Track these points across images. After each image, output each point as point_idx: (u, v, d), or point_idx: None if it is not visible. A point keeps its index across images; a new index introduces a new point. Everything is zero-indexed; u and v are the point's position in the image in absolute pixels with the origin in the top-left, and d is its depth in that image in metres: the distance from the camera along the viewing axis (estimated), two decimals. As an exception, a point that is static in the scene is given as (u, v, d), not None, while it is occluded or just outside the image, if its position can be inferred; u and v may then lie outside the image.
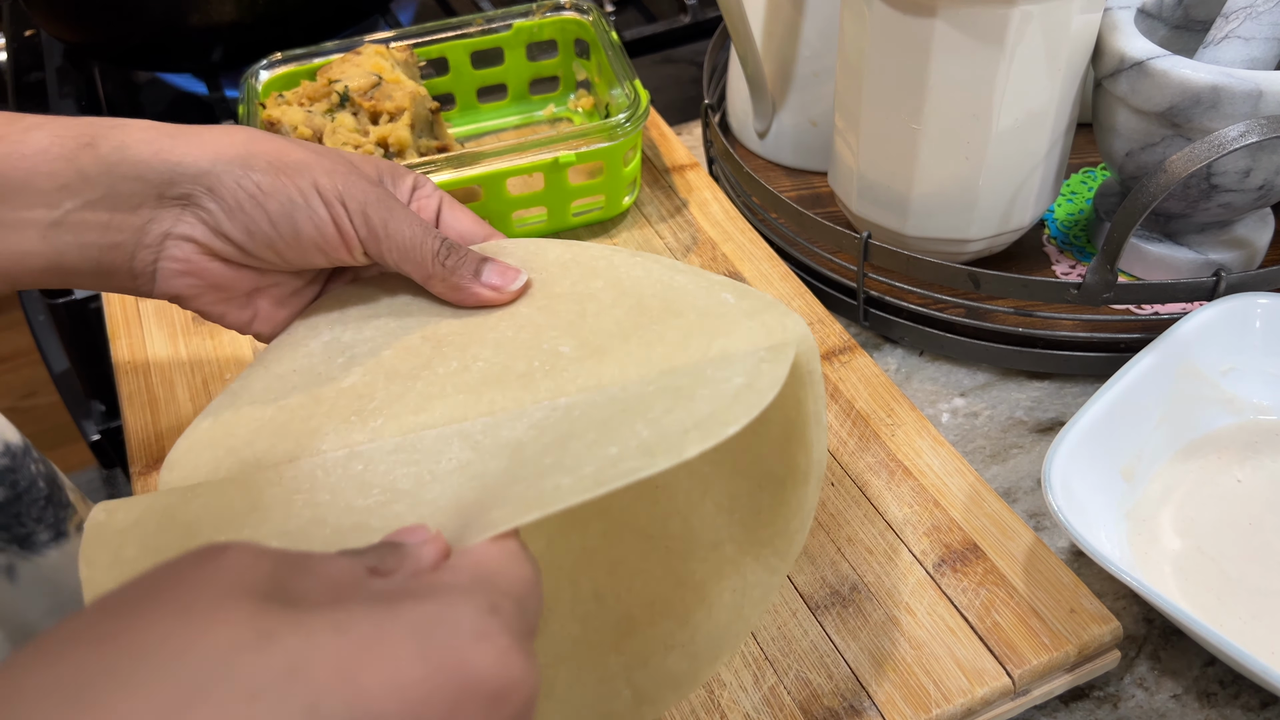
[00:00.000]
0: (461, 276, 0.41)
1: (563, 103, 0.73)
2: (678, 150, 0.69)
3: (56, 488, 0.47)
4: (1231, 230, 0.58)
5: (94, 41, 0.81)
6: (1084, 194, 0.65)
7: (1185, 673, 0.44)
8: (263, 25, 0.77)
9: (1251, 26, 0.52)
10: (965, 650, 0.41)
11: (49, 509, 0.46)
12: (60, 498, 0.47)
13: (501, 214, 0.61)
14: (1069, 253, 0.61)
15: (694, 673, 0.40)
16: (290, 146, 0.40)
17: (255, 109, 0.62)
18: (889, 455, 0.49)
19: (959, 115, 0.52)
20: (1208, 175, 0.52)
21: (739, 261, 0.60)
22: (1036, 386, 0.57)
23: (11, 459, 0.47)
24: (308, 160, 0.40)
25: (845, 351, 0.54)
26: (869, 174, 0.57)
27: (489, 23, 0.68)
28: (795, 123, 0.67)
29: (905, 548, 0.45)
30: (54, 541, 0.47)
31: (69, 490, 0.51)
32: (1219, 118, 0.49)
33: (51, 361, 0.72)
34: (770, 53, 0.65)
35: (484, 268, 0.42)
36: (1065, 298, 0.53)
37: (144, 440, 0.53)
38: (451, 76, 0.70)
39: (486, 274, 0.42)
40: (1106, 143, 0.56)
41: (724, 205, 0.64)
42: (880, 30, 0.52)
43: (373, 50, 0.64)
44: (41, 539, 0.46)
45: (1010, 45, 0.49)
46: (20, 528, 0.46)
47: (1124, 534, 0.46)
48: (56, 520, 0.47)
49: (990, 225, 0.56)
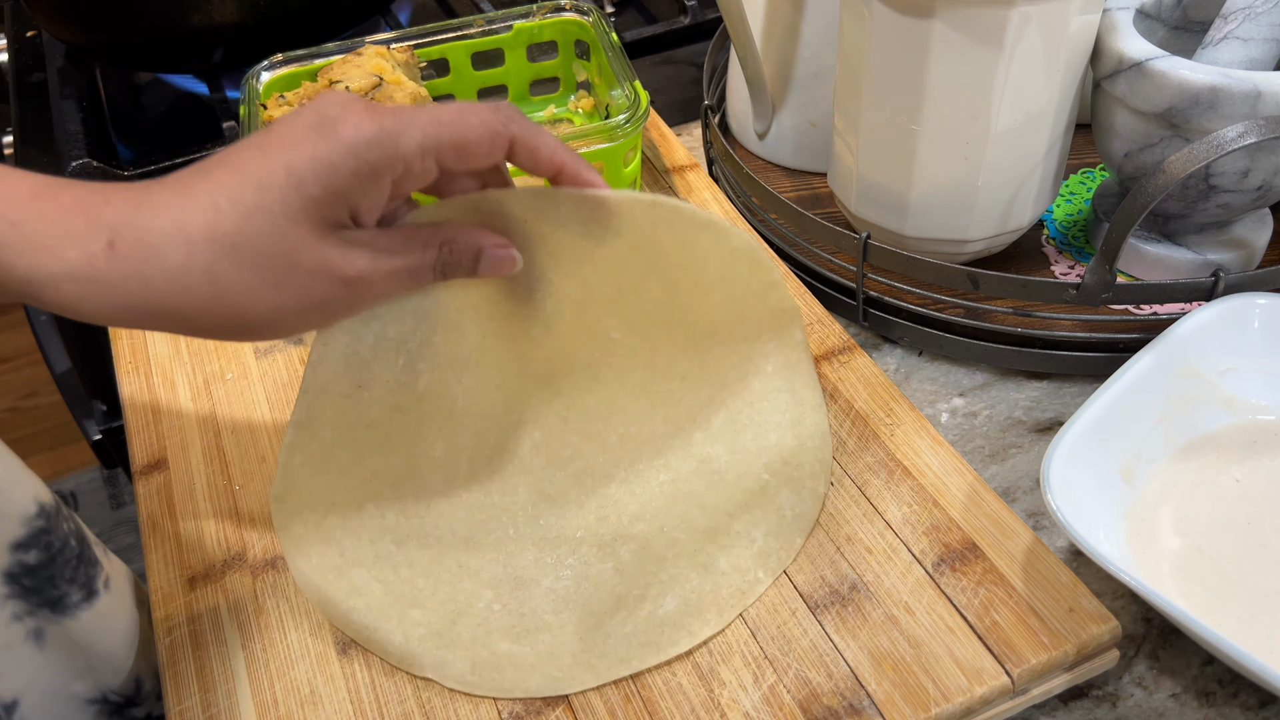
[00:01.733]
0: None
1: (563, 104, 0.73)
2: (678, 151, 0.69)
3: (85, 545, 0.46)
4: (1230, 231, 0.58)
5: (95, 42, 0.81)
6: (1083, 194, 0.65)
7: (1184, 672, 0.44)
8: (264, 26, 0.77)
9: (1250, 27, 0.52)
10: (964, 649, 0.42)
11: (80, 568, 0.45)
12: (89, 554, 0.45)
13: (502, 214, 0.61)
14: (1068, 253, 0.62)
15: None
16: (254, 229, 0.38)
17: (256, 109, 0.62)
18: (888, 455, 0.49)
19: (958, 116, 0.52)
20: (1206, 176, 0.52)
21: (739, 262, 0.60)
22: (1035, 386, 0.57)
23: (46, 520, 0.45)
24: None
25: (844, 351, 0.55)
26: (868, 174, 0.57)
27: (490, 24, 0.68)
28: (795, 124, 0.67)
29: (904, 547, 0.45)
30: (85, 601, 0.45)
31: (94, 545, 0.49)
32: (1217, 118, 0.49)
33: (53, 361, 0.72)
34: (770, 54, 0.65)
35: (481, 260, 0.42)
36: (1064, 298, 0.53)
37: (145, 440, 0.53)
38: (452, 77, 0.70)
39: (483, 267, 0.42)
40: (1105, 143, 0.56)
41: (724, 206, 0.64)
42: (879, 31, 0.52)
43: (374, 51, 0.64)
44: (73, 600, 0.45)
45: (1009, 46, 0.50)
46: (53, 590, 0.44)
47: (1123, 534, 0.46)
48: (88, 579, 0.46)
49: (989, 226, 0.57)
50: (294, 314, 0.38)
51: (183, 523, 0.49)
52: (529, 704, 0.42)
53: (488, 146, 0.39)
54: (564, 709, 0.42)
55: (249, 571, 0.47)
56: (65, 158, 0.76)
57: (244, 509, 0.50)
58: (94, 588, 0.45)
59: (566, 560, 0.45)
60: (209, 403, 0.55)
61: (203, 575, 0.47)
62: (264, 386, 0.56)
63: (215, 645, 0.44)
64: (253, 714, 0.42)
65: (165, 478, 0.52)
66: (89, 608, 0.45)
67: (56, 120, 0.81)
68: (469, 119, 0.39)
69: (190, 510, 0.50)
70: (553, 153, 0.41)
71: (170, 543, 0.49)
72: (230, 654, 0.44)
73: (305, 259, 0.37)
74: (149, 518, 0.50)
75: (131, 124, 0.87)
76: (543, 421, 0.47)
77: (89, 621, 0.45)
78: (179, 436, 0.53)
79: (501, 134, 0.39)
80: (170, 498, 0.51)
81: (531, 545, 0.45)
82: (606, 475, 0.47)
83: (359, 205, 0.38)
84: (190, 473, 0.52)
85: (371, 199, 0.38)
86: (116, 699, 0.48)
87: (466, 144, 0.39)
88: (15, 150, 0.83)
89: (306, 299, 0.38)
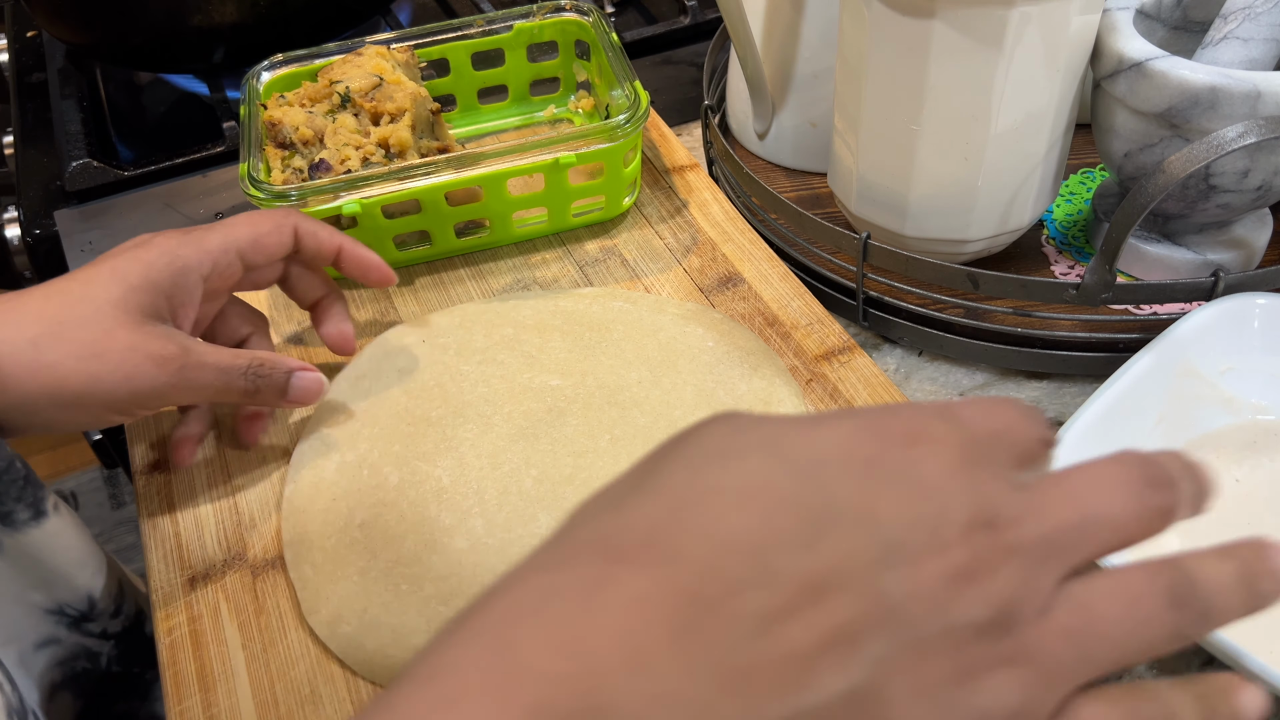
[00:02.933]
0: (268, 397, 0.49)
1: (563, 104, 0.73)
2: (678, 151, 0.69)
3: (30, 470, 0.48)
4: (1230, 230, 0.58)
5: (96, 42, 0.81)
6: (1083, 194, 0.65)
7: (1183, 672, 0.44)
8: (264, 26, 0.77)
9: (1250, 27, 0.52)
10: (964, 649, 0.42)
11: (27, 489, 0.47)
12: (34, 478, 0.47)
13: (502, 215, 0.61)
14: (1068, 253, 0.62)
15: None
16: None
17: (256, 110, 0.62)
18: (888, 455, 0.49)
19: (958, 116, 0.52)
20: (1206, 176, 0.52)
21: (739, 262, 0.60)
22: (1035, 386, 0.57)
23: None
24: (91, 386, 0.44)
25: (844, 351, 0.55)
26: (868, 175, 0.57)
27: (490, 24, 0.68)
28: (795, 124, 0.67)
29: (904, 547, 0.45)
30: (34, 521, 0.47)
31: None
32: (1217, 118, 0.49)
33: (53, 362, 0.72)
34: (770, 54, 0.65)
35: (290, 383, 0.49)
36: (1064, 298, 0.53)
37: (145, 440, 0.53)
38: (452, 77, 0.70)
39: (293, 391, 0.49)
40: (1105, 143, 0.56)
41: (724, 206, 0.64)
42: (879, 32, 0.52)
43: (374, 51, 0.64)
44: (21, 517, 0.47)
45: (1009, 46, 0.50)
46: (2, 505, 0.46)
47: (1122, 533, 0.46)
48: (35, 500, 0.47)
49: (989, 226, 0.57)
50: (110, 385, 0.43)
51: (183, 523, 0.50)
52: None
53: (277, 237, 0.49)
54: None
55: (249, 571, 0.47)
56: (65, 158, 0.76)
57: (244, 509, 0.50)
58: (42, 509, 0.47)
59: None
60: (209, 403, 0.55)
61: (203, 575, 0.47)
62: (264, 386, 0.56)
63: (215, 645, 0.44)
64: (253, 714, 0.42)
65: (165, 478, 0.52)
66: (37, 527, 0.47)
67: (56, 120, 0.81)
68: (257, 219, 0.49)
69: (190, 510, 0.50)
70: (331, 236, 0.51)
71: (170, 543, 0.49)
72: (230, 654, 0.44)
73: (120, 335, 0.43)
74: (149, 518, 0.50)
75: (132, 124, 0.87)
76: (533, 460, 0.49)
77: (38, 540, 0.48)
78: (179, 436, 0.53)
79: (286, 225, 0.50)
80: (170, 498, 0.51)
81: None
82: (612, 474, 0.47)
83: (176, 302, 0.46)
84: (190, 473, 0.52)
85: (185, 294, 0.46)
86: (73, 612, 0.51)
87: (259, 238, 0.49)
88: (15, 150, 0.83)
89: (120, 372, 0.43)
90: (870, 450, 0.22)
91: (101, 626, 0.52)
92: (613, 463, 0.49)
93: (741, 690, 0.19)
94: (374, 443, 0.51)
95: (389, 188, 0.57)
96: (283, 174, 0.59)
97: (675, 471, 0.23)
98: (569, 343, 0.55)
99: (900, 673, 0.20)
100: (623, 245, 0.63)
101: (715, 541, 0.21)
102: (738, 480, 0.22)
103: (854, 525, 0.21)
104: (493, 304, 0.58)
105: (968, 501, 0.22)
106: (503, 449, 0.50)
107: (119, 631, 0.53)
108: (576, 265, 0.62)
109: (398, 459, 0.50)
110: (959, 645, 0.21)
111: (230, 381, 0.46)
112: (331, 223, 0.59)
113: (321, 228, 0.51)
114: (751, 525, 0.21)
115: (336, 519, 0.48)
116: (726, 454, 0.22)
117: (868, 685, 0.20)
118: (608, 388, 0.52)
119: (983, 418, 0.24)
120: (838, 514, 0.21)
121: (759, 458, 0.22)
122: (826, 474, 0.22)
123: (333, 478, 0.50)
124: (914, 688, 0.20)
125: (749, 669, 0.20)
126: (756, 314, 0.57)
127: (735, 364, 0.53)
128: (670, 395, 0.52)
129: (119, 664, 0.53)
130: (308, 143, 0.59)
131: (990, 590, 0.21)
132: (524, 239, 0.63)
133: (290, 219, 0.50)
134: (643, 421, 0.51)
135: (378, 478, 0.49)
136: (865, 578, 0.20)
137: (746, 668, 0.20)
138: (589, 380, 0.53)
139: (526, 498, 0.48)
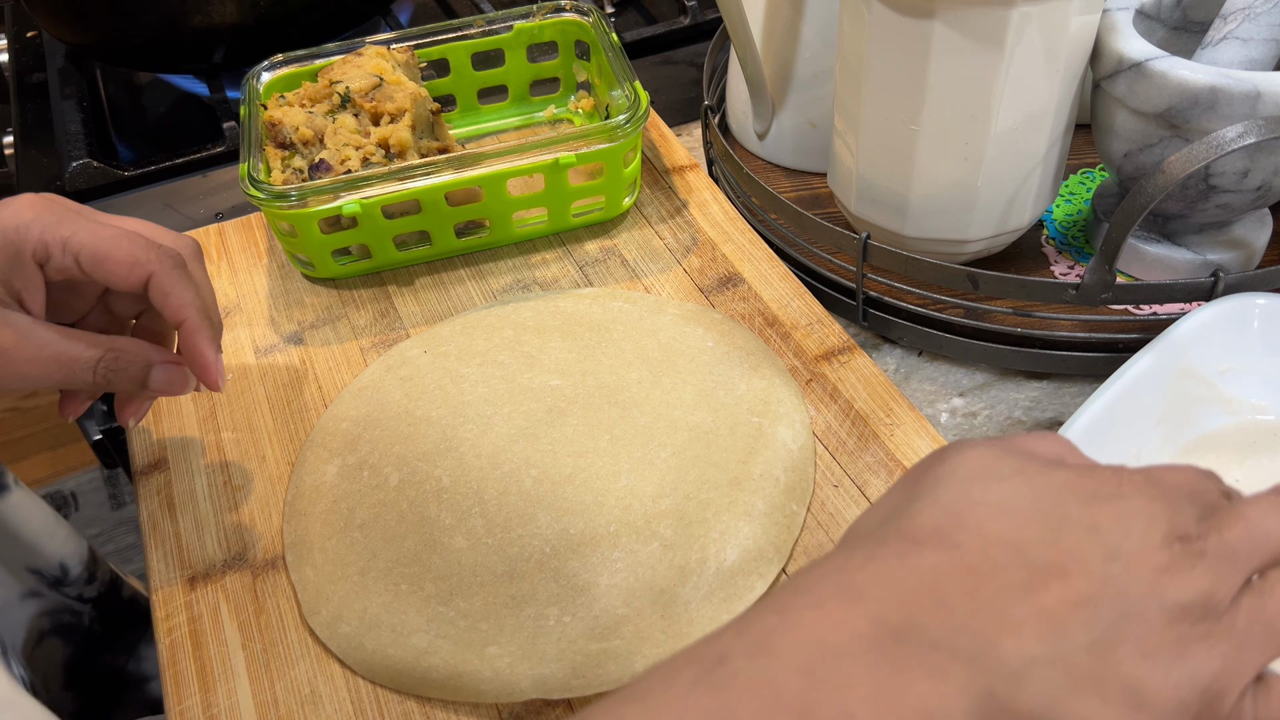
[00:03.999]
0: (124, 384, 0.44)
1: (563, 104, 0.73)
2: (678, 151, 0.69)
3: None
4: (1229, 231, 0.58)
5: (96, 42, 0.81)
6: (1082, 195, 0.65)
7: None
8: (264, 26, 0.77)
9: (1249, 28, 0.52)
10: (964, 649, 0.42)
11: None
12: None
13: (502, 214, 0.61)
14: (1067, 253, 0.62)
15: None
16: None
17: (256, 110, 0.62)
18: (888, 455, 0.49)
19: (958, 116, 0.52)
20: (1206, 176, 0.52)
21: (739, 262, 0.60)
22: (1035, 386, 0.57)
23: None
24: None
25: (844, 351, 0.55)
26: (868, 175, 0.57)
27: (490, 24, 0.68)
28: (795, 124, 0.67)
29: (904, 547, 0.45)
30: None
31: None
32: (1217, 119, 0.49)
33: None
34: (770, 54, 0.65)
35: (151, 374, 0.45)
36: (1064, 298, 0.53)
37: (145, 440, 0.54)
38: (452, 78, 0.70)
39: (154, 382, 0.45)
40: (1105, 143, 0.56)
41: (724, 206, 0.64)
42: (879, 32, 0.52)
43: (374, 51, 0.64)
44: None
45: (1009, 46, 0.50)
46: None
47: (1122, 533, 0.46)
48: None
49: (989, 226, 0.57)
50: None
51: (183, 523, 0.50)
52: (529, 703, 0.42)
53: (125, 269, 0.43)
54: (563, 708, 0.42)
55: (249, 571, 0.47)
56: (65, 158, 0.76)
57: (244, 509, 0.50)
58: (4, 482, 0.48)
59: (612, 554, 0.46)
60: (209, 403, 0.55)
61: (203, 575, 0.47)
62: (264, 386, 0.56)
63: (215, 645, 0.44)
64: (253, 714, 0.42)
65: (165, 478, 0.52)
66: (2, 499, 0.48)
67: (57, 120, 0.81)
68: (121, 241, 0.43)
69: (190, 510, 0.50)
70: (182, 307, 0.44)
71: (170, 543, 0.49)
72: (230, 654, 0.44)
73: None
74: (149, 518, 0.50)
75: (132, 124, 0.87)
76: (533, 460, 0.49)
77: (4, 510, 0.49)
78: (179, 436, 0.53)
79: (142, 265, 0.43)
80: (170, 498, 0.51)
81: (572, 555, 0.46)
82: (612, 473, 0.49)
83: (17, 285, 0.42)
84: (190, 473, 0.52)
85: (23, 279, 0.42)
86: (49, 577, 0.52)
87: (105, 258, 0.42)
88: (15, 150, 0.83)
89: None
90: (1091, 487, 0.30)
91: (78, 591, 0.53)
92: (612, 462, 0.49)
93: (1013, 633, 0.26)
94: (375, 444, 0.51)
95: (389, 188, 0.57)
96: (283, 174, 0.59)
97: (950, 488, 0.30)
98: (569, 343, 0.55)
99: (1128, 637, 0.27)
100: (623, 245, 0.63)
101: (985, 537, 0.28)
102: (998, 497, 0.29)
103: (1084, 533, 0.28)
104: (494, 309, 0.58)
105: (1165, 523, 0.29)
106: (503, 449, 0.50)
107: (95, 596, 0.54)
108: (576, 265, 0.62)
109: (398, 459, 0.50)
110: (1171, 621, 0.27)
111: (75, 374, 0.43)
112: (332, 222, 0.59)
113: (181, 292, 0.44)
114: (1010, 528, 0.29)
115: (337, 520, 0.48)
116: (988, 477, 0.30)
117: (1103, 640, 0.27)
118: (608, 388, 0.52)
119: (1171, 474, 0.31)
120: (1071, 526, 0.28)
121: (1015, 482, 0.30)
122: (1062, 498, 0.29)
123: (333, 480, 0.50)
124: (1139, 649, 0.27)
125: (1019, 620, 0.27)
126: (756, 314, 0.57)
127: (735, 364, 0.53)
128: (670, 395, 0.52)
129: (100, 624, 0.55)
130: (308, 143, 0.59)
131: (1188, 581, 0.28)
132: (524, 239, 0.63)
133: (155, 265, 0.43)
134: (643, 421, 0.51)
135: (378, 478, 0.49)
136: (1094, 566, 0.28)
137: (1017, 619, 0.27)
138: (589, 380, 0.53)
139: (526, 498, 0.48)
